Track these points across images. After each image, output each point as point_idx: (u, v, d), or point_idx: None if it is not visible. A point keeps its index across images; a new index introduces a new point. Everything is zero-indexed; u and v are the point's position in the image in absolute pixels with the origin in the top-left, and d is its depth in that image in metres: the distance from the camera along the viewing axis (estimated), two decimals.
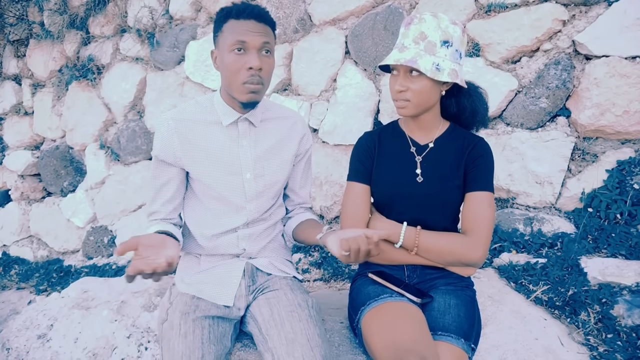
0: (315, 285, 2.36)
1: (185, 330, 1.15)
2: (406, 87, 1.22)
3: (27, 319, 1.66)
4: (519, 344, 1.42)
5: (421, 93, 1.22)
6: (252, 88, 1.18)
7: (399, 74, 1.23)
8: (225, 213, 1.32)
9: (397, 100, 1.26)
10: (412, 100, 1.24)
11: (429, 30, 1.19)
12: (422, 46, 1.19)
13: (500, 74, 2.37)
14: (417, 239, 1.29)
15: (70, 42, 3.68)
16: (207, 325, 1.18)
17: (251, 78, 1.17)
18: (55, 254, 3.97)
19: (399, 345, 1.07)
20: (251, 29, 1.17)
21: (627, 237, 2.00)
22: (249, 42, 1.16)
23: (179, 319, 1.18)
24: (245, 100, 1.21)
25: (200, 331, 1.15)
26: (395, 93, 1.25)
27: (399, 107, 1.27)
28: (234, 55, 1.17)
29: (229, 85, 1.21)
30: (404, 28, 1.24)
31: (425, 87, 1.22)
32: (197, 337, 1.13)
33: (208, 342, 1.13)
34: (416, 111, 1.27)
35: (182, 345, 1.11)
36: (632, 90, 2.09)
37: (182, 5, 3.25)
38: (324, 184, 2.83)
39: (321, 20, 2.82)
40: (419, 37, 1.19)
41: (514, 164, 2.33)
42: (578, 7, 2.23)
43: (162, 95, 3.35)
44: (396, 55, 1.20)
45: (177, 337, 1.14)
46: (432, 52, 1.19)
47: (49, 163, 3.88)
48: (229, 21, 1.18)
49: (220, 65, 1.22)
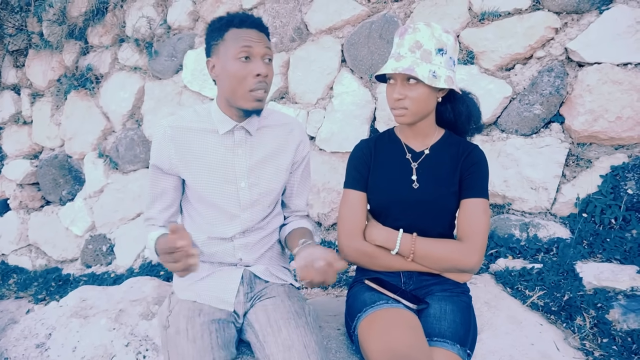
0: (313, 292, 2.37)
1: (194, 334, 1.15)
2: (404, 95, 1.24)
3: (25, 328, 1.66)
4: (515, 349, 1.43)
5: (419, 100, 1.24)
6: (259, 96, 1.20)
7: (396, 82, 1.25)
8: (220, 221, 1.33)
9: (395, 109, 1.28)
10: (410, 108, 1.25)
11: (423, 39, 1.21)
12: (418, 55, 1.21)
13: (494, 81, 2.40)
14: (413, 246, 1.30)
15: (69, 52, 3.70)
16: (214, 329, 1.19)
17: (258, 85, 1.19)
18: (53, 262, 3.97)
19: (394, 351, 1.08)
20: (253, 37, 1.19)
21: (622, 241, 2.02)
22: (254, 50, 1.18)
23: (185, 323, 1.19)
24: (250, 108, 1.22)
25: (209, 336, 1.16)
26: (394, 102, 1.27)
27: (398, 115, 1.28)
28: (239, 63, 1.17)
29: (233, 94, 1.21)
30: (398, 38, 1.26)
31: (422, 94, 1.24)
32: (207, 341, 1.14)
33: (217, 347, 1.14)
34: (414, 119, 1.29)
35: (192, 350, 1.12)
36: (625, 96, 2.12)
37: (179, 15, 3.28)
38: (321, 191, 2.85)
39: (317, 29, 2.86)
40: (414, 46, 1.22)
41: (509, 170, 2.35)
42: (570, 15, 2.27)
43: (160, 104, 3.38)
44: (393, 64, 1.22)
45: (185, 342, 1.14)
46: (428, 60, 1.21)
47: (47, 172, 3.89)
48: (230, 30, 1.19)
49: (222, 74, 1.21)
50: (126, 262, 3.47)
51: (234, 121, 1.29)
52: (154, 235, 1.26)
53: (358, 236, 1.36)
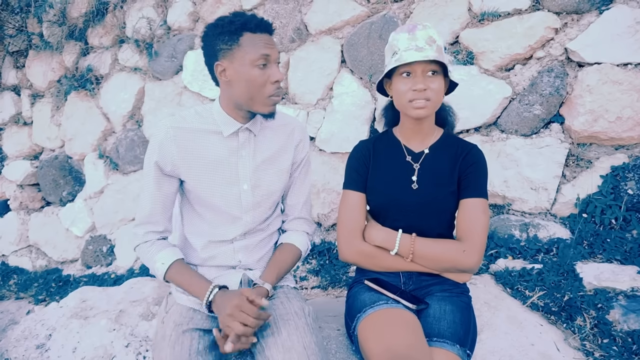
0: (312, 293, 2.37)
1: (174, 340, 1.15)
2: (427, 86, 1.24)
3: (25, 329, 1.66)
4: (515, 349, 1.43)
5: (439, 92, 1.26)
6: (277, 100, 1.23)
7: (415, 75, 1.24)
8: (221, 223, 1.33)
9: (416, 100, 1.25)
10: (432, 99, 1.25)
11: (435, 35, 1.25)
12: (435, 48, 1.23)
13: (494, 82, 2.40)
14: (412, 246, 1.30)
15: (69, 52, 3.71)
16: (197, 336, 1.18)
17: (277, 91, 1.22)
18: (54, 263, 3.97)
19: (394, 351, 1.08)
20: (269, 42, 1.19)
21: (622, 242, 2.01)
22: (271, 56, 1.19)
23: (171, 329, 1.19)
24: (267, 112, 1.24)
25: (189, 342, 1.15)
26: (415, 93, 1.24)
27: (418, 108, 1.25)
28: (258, 70, 1.18)
29: (250, 99, 1.21)
30: (408, 33, 1.25)
31: (441, 86, 1.26)
32: (185, 348, 1.13)
33: (196, 354, 1.13)
34: (433, 111, 1.30)
35: (169, 357, 1.12)
36: (625, 96, 2.12)
37: (180, 15, 3.28)
38: (321, 192, 2.85)
39: (317, 30, 2.86)
40: (430, 40, 1.24)
41: (509, 171, 2.35)
42: (570, 15, 2.27)
43: (161, 105, 3.38)
44: (416, 55, 1.21)
45: (166, 347, 1.14)
46: (442, 56, 1.24)
47: (48, 173, 3.90)
48: (245, 34, 1.17)
49: (236, 79, 1.20)
50: (126, 263, 3.47)
51: (238, 123, 1.28)
52: (165, 258, 1.27)
53: (357, 237, 1.36)
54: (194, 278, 1.25)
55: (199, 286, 1.22)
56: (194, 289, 1.23)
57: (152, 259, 1.28)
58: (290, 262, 1.39)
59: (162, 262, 1.27)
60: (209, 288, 1.20)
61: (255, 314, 1.11)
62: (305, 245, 1.45)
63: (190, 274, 1.26)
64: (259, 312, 1.13)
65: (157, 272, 1.28)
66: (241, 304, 1.12)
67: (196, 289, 1.22)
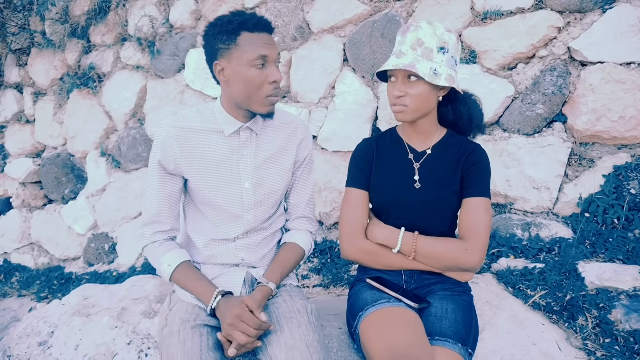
0: (314, 292, 2.37)
1: (185, 337, 1.15)
2: (405, 92, 1.24)
3: (28, 327, 1.67)
4: (517, 349, 1.43)
5: (419, 98, 1.24)
6: (275, 101, 1.22)
7: (397, 80, 1.25)
8: (223, 222, 1.33)
9: (395, 106, 1.28)
10: (410, 106, 1.25)
11: (425, 37, 1.21)
12: (420, 52, 1.21)
13: (497, 81, 2.39)
14: (414, 245, 1.30)
15: (72, 51, 3.71)
16: (205, 332, 1.18)
17: (275, 91, 1.21)
18: (56, 261, 3.98)
19: (396, 350, 1.08)
20: (267, 42, 1.18)
21: (625, 242, 2.01)
22: (269, 56, 1.18)
23: (179, 325, 1.19)
24: (265, 112, 1.23)
25: (199, 338, 1.15)
26: (394, 99, 1.27)
27: (397, 112, 1.28)
28: (256, 70, 1.17)
29: (248, 99, 1.20)
30: (400, 36, 1.26)
31: (423, 92, 1.24)
32: (196, 344, 1.14)
33: (207, 350, 1.13)
34: (413, 117, 1.29)
35: (180, 352, 1.11)
36: (628, 96, 2.11)
37: (182, 14, 3.29)
38: (323, 191, 2.85)
39: (320, 29, 2.85)
40: (416, 44, 1.22)
41: (512, 170, 2.35)
42: (573, 15, 2.26)
43: (163, 103, 3.38)
44: (394, 61, 1.23)
45: (176, 343, 1.14)
46: (430, 57, 1.21)
47: (50, 171, 3.90)
48: (243, 34, 1.16)
49: (234, 79, 1.19)
50: (128, 261, 3.48)
51: (239, 122, 1.28)
52: (171, 260, 1.27)
53: (360, 235, 1.36)
54: (198, 282, 1.25)
55: (204, 292, 1.23)
56: (199, 293, 1.23)
57: (159, 260, 1.29)
58: (294, 262, 1.39)
59: (168, 264, 1.27)
60: (213, 295, 1.21)
61: (256, 325, 1.12)
62: (308, 245, 1.46)
63: (195, 277, 1.26)
64: (260, 322, 1.13)
65: (163, 274, 1.29)
66: (242, 314, 1.12)
67: (201, 294, 1.23)
